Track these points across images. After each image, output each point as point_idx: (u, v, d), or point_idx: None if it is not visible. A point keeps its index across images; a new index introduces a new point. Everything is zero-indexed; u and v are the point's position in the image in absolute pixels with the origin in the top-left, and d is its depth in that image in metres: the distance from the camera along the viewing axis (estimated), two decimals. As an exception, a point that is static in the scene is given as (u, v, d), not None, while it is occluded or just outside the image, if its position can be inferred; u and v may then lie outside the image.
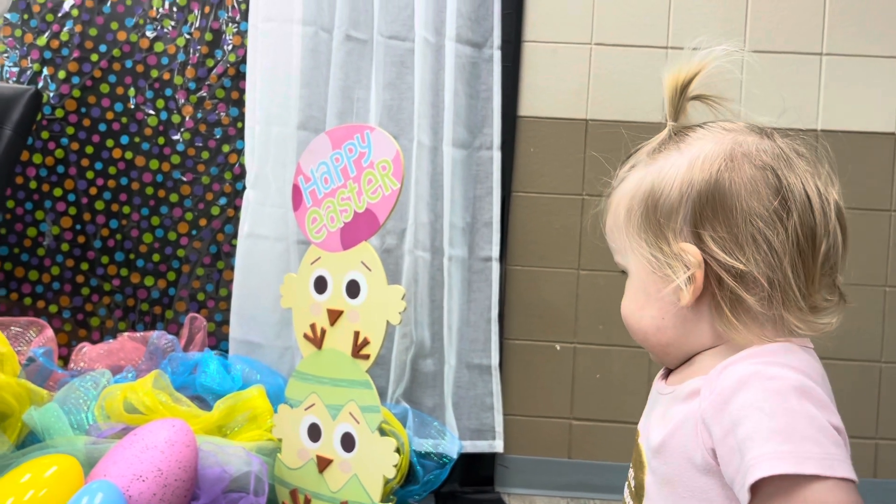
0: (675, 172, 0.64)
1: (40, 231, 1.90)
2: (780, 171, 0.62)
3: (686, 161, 0.64)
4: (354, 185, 1.50)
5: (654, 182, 0.65)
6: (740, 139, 0.64)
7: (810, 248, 0.62)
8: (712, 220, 0.62)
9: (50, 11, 1.88)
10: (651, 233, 0.65)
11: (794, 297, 0.61)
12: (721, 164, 0.63)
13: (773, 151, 0.64)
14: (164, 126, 1.90)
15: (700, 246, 0.62)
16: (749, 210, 0.61)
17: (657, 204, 0.64)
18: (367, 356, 1.47)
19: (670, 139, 0.67)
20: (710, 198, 0.62)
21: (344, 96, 1.85)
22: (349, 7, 1.83)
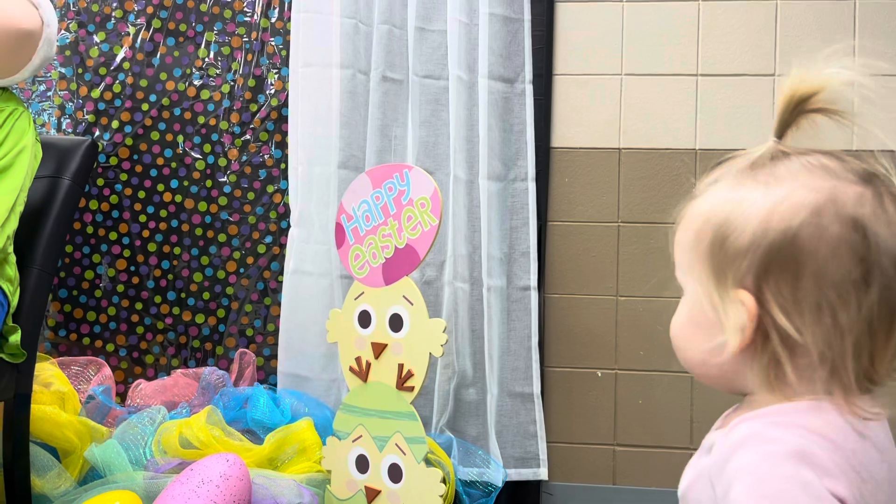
0: (752, 213, 0.57)
1: (97, 273, 1.99)
2: (872, 234, 0.55)
3: (768, 203, 0.57)
4: (395, 223, 1.55)
5: (729, 215, 0.59)
6: (838, 190, 0.56)
7: (886, 327, 0.55)
8: (778, 276, 0.56)
9: (103, 65, 1.99)
10: (714, 267, 0.59)
11: (847, 378, 0.56)
12: (805, 217, 0.56)
13: (871, 207, 0.56)
14: (211, 169, 1.98)
15: (759, 298, 0.57)
16: (822, 275, 0.55)
17: (725, 241, 0.58)
18: (412, 388, 1.51)
19: (764, 163, 0.60)
20: (782, 252, 0.56)
21: (382, 135, 1.91)
22: (385, 50, 1.90)
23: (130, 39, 1.99)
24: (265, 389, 1.83)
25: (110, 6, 1.99)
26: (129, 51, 1.99)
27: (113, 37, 1.99)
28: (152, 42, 1.99)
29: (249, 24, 2.00)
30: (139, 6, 1.99)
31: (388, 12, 1.91)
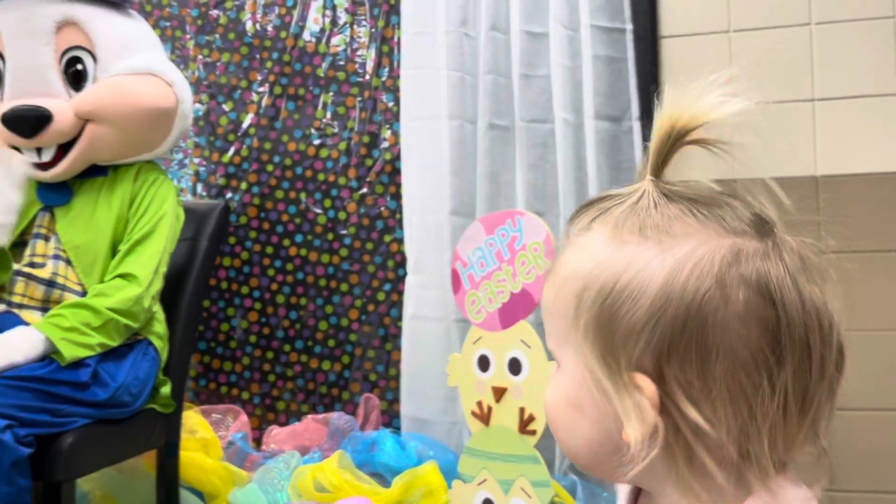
0: (647, 281, 0.48)
1: (231, 326, 2.13)
2: (780, 300, 0.47)
3: (666, 269, 0.47)
4: (509, 268, 1.59)
5: (617, 282, 0.48)
6: (738, 249, 0.48)
7: (799, 407, 0.48)
8: (682, 358, 0.47)
9: (231, 132, 2.15)
10: (602, 346, 0.49)
11: (765, 466, 0.48)
12: (710, 287, 0.47)
13: (775, 266, 0.48)
14: (332, 223, 2.09)
15: (660, 384, 0.47)
16: (733, 357, 0.46)
17: (616, 313, 0.48)
18: (534, 431, 1.53)
19: (649, 212, 0.50)
20: (687, 330, 0.46)
21: (491, 181, 1.96)
22: (491, 98, 1.96)
23: (255, 107, 2.15)
24: (390, 433, 1.89)
25: (237, 78, 2.16)
26: (254, 117, 2.14)
27: (240, 105, 2.16)
28: (274, 107, 2.14)
29: (362, 84, 2.11)
30: (262, 76, 2.15)
31: (493, 62, 1.97)
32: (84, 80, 1.60)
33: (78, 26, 1.58)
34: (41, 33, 1.55)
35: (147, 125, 1.62)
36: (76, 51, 1.58)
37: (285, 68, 2.14)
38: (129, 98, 1.59)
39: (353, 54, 2.12)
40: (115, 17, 1.65)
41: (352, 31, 2.13)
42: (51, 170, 1.57)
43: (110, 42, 1.61)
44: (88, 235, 1.57)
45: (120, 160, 1.64)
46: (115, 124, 1.58)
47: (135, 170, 1.66)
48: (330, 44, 2.13)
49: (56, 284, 1.57)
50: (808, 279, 0.49)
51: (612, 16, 1.90)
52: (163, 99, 1.62)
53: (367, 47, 2.11)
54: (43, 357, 1.42)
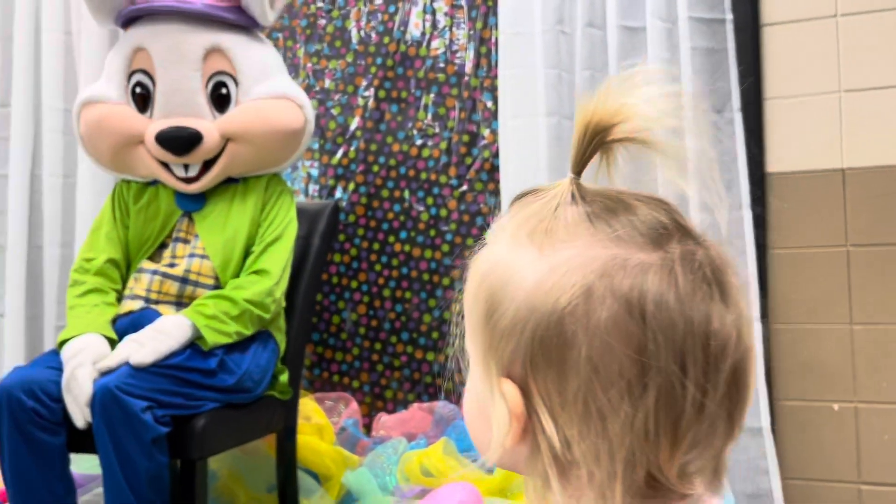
0: (518, 286, 0.46)
1: (342, 318, 2.25)
2: (651, 319, 0.43)
3: (537, 275, 0.45)
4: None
5: (499, 282, 0.47)
6: (618, 260, 0.44)
7: (670, 435, 0.43)
8: (543, 371, 0.44)
9: (339, 135, 2.27)
10: (483, 344, 0.48)
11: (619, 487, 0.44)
12: (574, 295, 0.44)
13: (655, 282, 0.44)
14: (434, 220, 2.18)
15: (525, 392, 0.46)
16: (592, 373, 0.43)
17: (491, 317, 0.47)
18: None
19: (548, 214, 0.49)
20: (546, 341, 0.44)
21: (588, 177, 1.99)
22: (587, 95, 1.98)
23: (361, 110, 2.26)
24: (493, 422, 1.95)
25: (343, 83, 2.28)
26: (360, 120, 2.25)
27: (347, 110, 2.27)
28: (379, 110, 2.24)
29: (461, 85, 2.18)
30: (367, 80, 2.26)
31: (590, 59, 1.99)
32: (228, 103, 1.74)
33: (223, 53, 1.73)
34: (191, 60, 1.71)
35: (280, 144, 1.76)
36: (221, 76, 1.73)
37: (388, 72, 2.24)
38: (267, 121, 1.73)
39: (452, 56, 2.19)
40: (253, 44, 1.79)
41: (451, 34, 2.20)
42: (194, 184, 1.73)
43: (250, 68, 1.75)
44: (226, 236, 1.72)
45: (251, 173, 1.79)
46: (253, 144, 1.72)
47: (265, 181, 1.80)
48: (430, 47, 2.21)
49: (189, 281, 1.73)
50: (705, 298, 0.44)
51: (711, 6, 1.88)
52: (295, 121, 1.76)
53: (465, 49, 2.18)
54: (190, 343, 1.56)
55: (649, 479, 0.45)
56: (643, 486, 0.44)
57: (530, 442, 0.46)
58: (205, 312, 1.59)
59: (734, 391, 0.45)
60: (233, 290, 1.65)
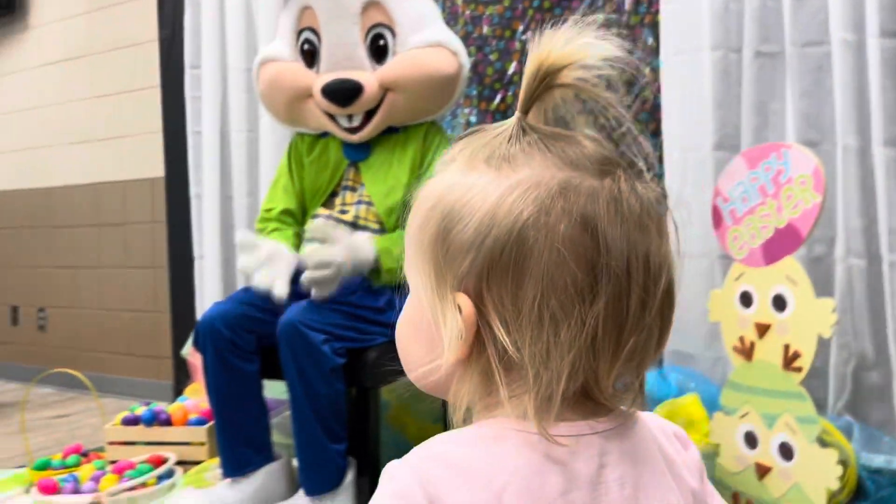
0: (479, 203, 0.49)
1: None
2: (602, 235, 0.47)
3: (497, 193, 0.48)
4: (773, 202, 1.55)
5: (455, 203, 0.50)
6: (571, 183, 0.49)
7: (612, 344, 0.48)
8: (500, 280, 0.48)
9: (497, 81, 2.30)
10: (435, 263, 0.50)
11: (552, 401, 0.48)
12: (532, 212, 0.47)
13: (605, 204, 0.48)
14: (592, 162, 2.17)
15: (479, 304, 0.49)
16: (548, 283, 0.47)
17: (449, 234, 0.50)
18: (800, 368, 1.50)
19: (501, 143, 0.51)
20: (505, 253, 0.47)
21: (758, 112, 1.89)
22: (757, 24, 1.87)
23: (518, 55, 2.27)
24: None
25: (500, 28, 2.29)
26: (517, 65, 2.27)
27: (504, 55, 2.29)
28: (535, 54, 2.24)
29: (620, 23, 2.12)
30: (524, 24, 2.26)
31: (760, -15, 1.87)
32: (386, 54, 1.83)
33: (380, 5, 1.81)
34: (350, 14, 1.80)
35: (437, 92, 1.83)
36: (379, 28, 1.82)
37: (546, 14, 2.22)
38: (423, 69, 1.80)
39: (610, -7, 2.14)
40: None
41: (610, -30, 2.14)
42: (358, 133, 1.84)
43: (406, 18, 1.82)
44: (388, 184, 1.83)
45: (411, 122, 1.87)
46: (410, 92, 1.80)
47: (423, 130, 1.88)
48: (588, -15, 2.17)
49: (358, 225, 1.86)
50: (641, 227, 0.49)
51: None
52: (449, 67, 1.81)
53: (625, -15, 2.12)
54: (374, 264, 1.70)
55: (583, 391, 0.50)
56: (577, 396, 0.50)
57: (475, 354, 0.50)
58: (396, 246, 1.71)
59: (666, 309, 0.50)
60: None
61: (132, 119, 3.24)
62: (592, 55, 0.52)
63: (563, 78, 0.51)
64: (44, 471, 1.90)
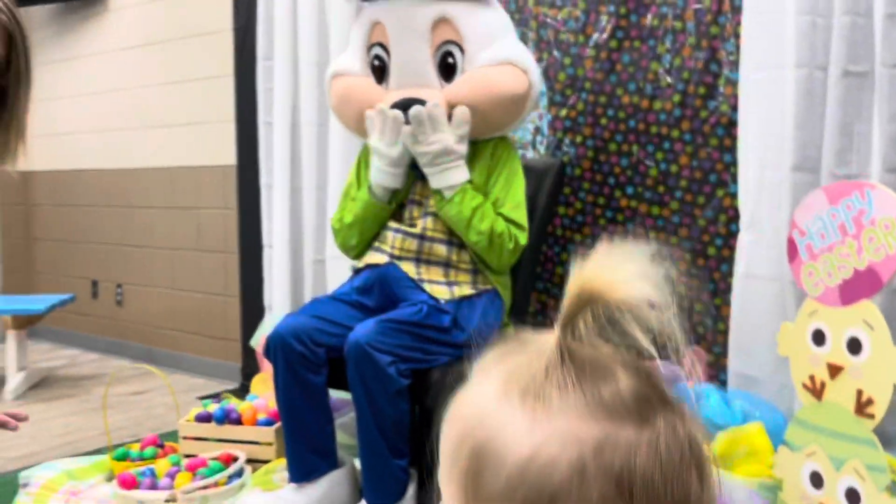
0: (512, 451, 0.48)
1: (565, 270, 2.30)
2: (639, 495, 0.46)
3: (531, 445, 0.48)
4: (854, 242, 1.50)
5: (488, 441, 0.49)
6: (608, 439, 0.47)
7: None
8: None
9: (568, 86, 2.26)
10: (464, 496, 0.50)
11: None
12: (566, 474, 0.46)
13: (644, 460, 0.47)
14: (663, 176, 2.12)
15: None
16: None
17: (480, 474, 0.49)
18: (872, 415, 1.47)
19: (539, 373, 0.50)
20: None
21: (842, 133, 1.81)
22: (846, 43, 1.78)
23: (591, 61, 2.22)
24: (716, 388, 1.93)
25: (574, 33, 2.25)
26: (590, 71, 2.22)
27: (577, 60, 2.25)
28: (610, 61, 2.19)
29: (700, 33, 2.05)
30: (598, 30, 2.21)
31: (852, 2, 1.78)
32: (454, 72, 1.82)
33: (450, 22, 1.80)
34: (420, 31, 1.80)
35: (504, 110, 1.82)
36: (448, 45, 1.81)
37: (621, 21, 2.17)
38: (491, 89, 1.79)
39: (690, 2, 2.06)
40: (478, 11, 1.84)
41: (690, -23, 2.07)
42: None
43: (475, 35, 1.81)
44: None
45: (479, 137, 1.87)
46: (477, 110, 1.80)
47: (492, 145, 1.88)
48: (667, -8, 2.10)
49: (426, 238, 1.87)
50: (680, 480, 0.47)
51: None
52: (519, 86, 1.80)
53: (706, -7, 2.04)
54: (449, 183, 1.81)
55: None
56: None
57: None
58: (473, 201, 1.79)
59: None
60: None
61: (206, 106, 3.32)
62: (635, 295, 0.50)
63: (605, 302, 0.51)
64: (123, 461, 2.01)
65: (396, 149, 1.81)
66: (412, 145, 1.79)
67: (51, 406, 2.95)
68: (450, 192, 1.81)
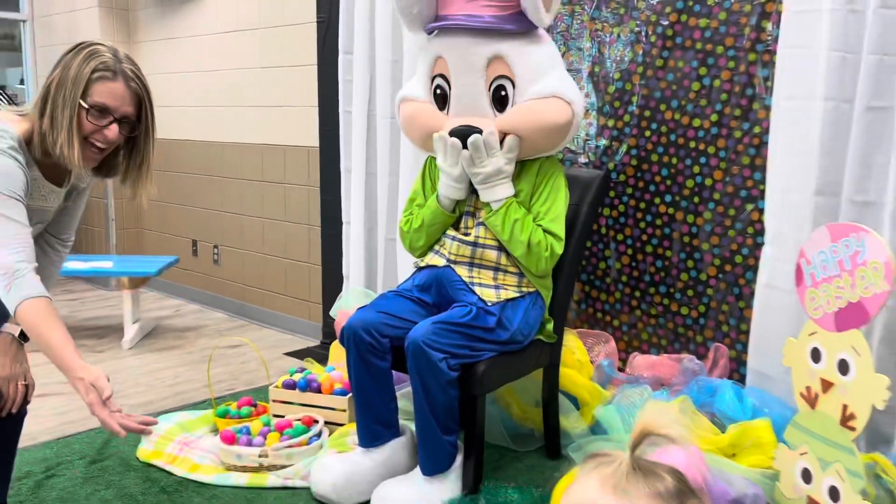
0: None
1: (608, 265, 2.55)
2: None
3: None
4: (849, 278, 1.70)
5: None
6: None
7: None
8: None
9: (617, 99, 2.46)
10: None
11: None
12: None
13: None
14: (698, 187, 2.32)
15: None
16: None
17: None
18: (854, 428, 1.69)
19: (622, 476, 0.79)
20: None
21: (862, 163, 1.97)
22: (872, 80, 1.92)
23: (639, 77, 2.41)
24: (732, 384, 2.17)
25: (624, 49, 2.43)
26: (637, 87, 2.41)
27: (626, 75, 2.44)
28: (656, 78, 2.37)
29: (738, 59, 2.21)
30: (646, 47, 2.38)
31: (880, 42, 1.91)
32: (506, 103, 2.06)
33: (503, 60, 2.03)
34: (477, 68, 2.04)
35: (548, 137, 2.06)
36: (501, 80, 2.05)
37: (667, 42, 2.33)
38: (538, 121, 2.03)
39: (731, 28, 2.21)
40: (529, 48, 2.05)
41: (733, 5, 2.20)
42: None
43: (525, 71, 2.03)
44: None
45: (528, 157, 2.12)
46: (526, 137, 2.04)
47: (537, 165, 2.12)
48: (711, 17, 2.25)
49: (478, 244, 2.15)
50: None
51: None
52: (562, 117, 2.03)
53: (746, 22, 2.18)
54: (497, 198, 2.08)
55: None
56: None
57: None
58: (516, 213, 2.05)
59: None
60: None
61: (293, 91, 3.63)
62: (681, 437, 0.82)
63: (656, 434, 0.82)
64: (223, 418, 2.43)
65: (457, 168, 2.09)
66: (468, 167, 2.06)
67: (161, 356, 3.43)
68: (497, 205, 2.07)
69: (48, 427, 2.58)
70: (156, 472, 2.24)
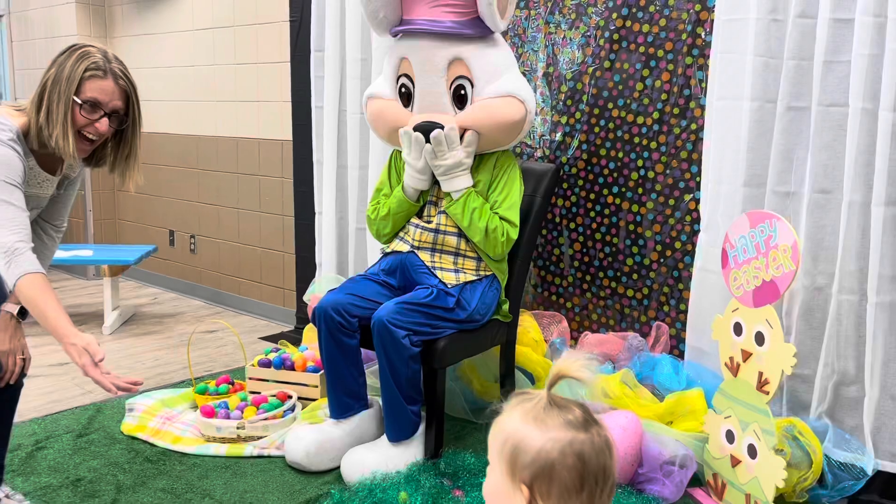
0: (532, 445, 0.92)
1: (561, 251, 2.76)
2: (587, 462, 0.91)
3: (540, 442, 0.92)
4: (763, 260, 1.92)
5: (520, 442, 0.93)
6: (574, 438, 0.91)
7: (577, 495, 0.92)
8: (541, 481, 0.92)
9: (569, 98, 2.66)
10: (509, 468, 0.93)
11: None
12: (557, 454, 0.91)
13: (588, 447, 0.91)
14: (642, 180, 2.53)
15: (531, 491, 0.93)
16: (562, 483, 0.92)
17: (517, 457, 0.93)
18: (767, 392, 1.92)
19: (540, 409, 0.94)
20: (544, 471, 0.91)
21: (784, 158, 2.19)
22: (791, 82, 2.14)
23: (588, 77, 2.61)
24: (671, 359, 2.39)
25: (575, 53, 2.63)
26: (588, 86, 2.61)
27: (577, 76, 2.64)
28: (604, 79, 2.58)
29: (677, 62, 2.42)
30: (595, 50, 2.58)
31: (798, 49, 2.12)
32: (466, 101, 2.25)
33: (462, 61, 2.22)
34: (438, 68, 2.23)
35: (505, 133, 2.25)
36: (461, 80, 2.24)
37: (614, 45, 2.54)
38: (494, 117, 2.22)
39: (670, 34, 2.42)
40: (487, 51, 2.24)
41: (672, 13, 2.41)
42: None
43: (483, 72, 2.22)
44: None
45: (485, 151, 2.31)
46: (484, 133, 2.23)
47: (494, 158, 2.32)
48: (652, 23, 2.45)
49: (440, 231, 2.34)
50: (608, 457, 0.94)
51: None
52: (517, 114, 2.22)
53: (684, 28, 2.39)
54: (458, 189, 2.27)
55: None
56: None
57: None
58: (474, 202, 2.24)
59: (612, 493, 0.97)
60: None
61: (267, 87, 3.78)
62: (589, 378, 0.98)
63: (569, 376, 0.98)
64: (203, 394, 2.60)
65: (421, 161, 2.27)
66: (431, 160, 2.25)
67: (141, 341, 3.58)
68: (457, 194, 2.26)
69: (35, 405, 2.73)
70: (139, 444, 2.41)
